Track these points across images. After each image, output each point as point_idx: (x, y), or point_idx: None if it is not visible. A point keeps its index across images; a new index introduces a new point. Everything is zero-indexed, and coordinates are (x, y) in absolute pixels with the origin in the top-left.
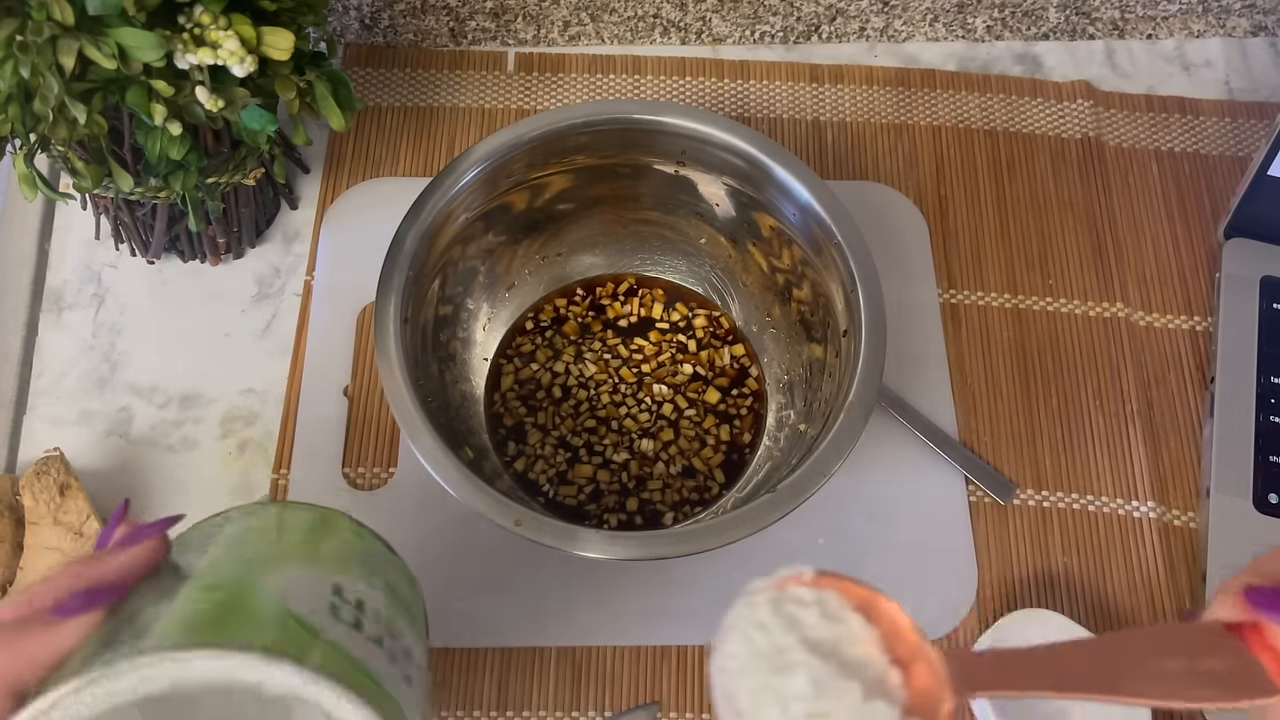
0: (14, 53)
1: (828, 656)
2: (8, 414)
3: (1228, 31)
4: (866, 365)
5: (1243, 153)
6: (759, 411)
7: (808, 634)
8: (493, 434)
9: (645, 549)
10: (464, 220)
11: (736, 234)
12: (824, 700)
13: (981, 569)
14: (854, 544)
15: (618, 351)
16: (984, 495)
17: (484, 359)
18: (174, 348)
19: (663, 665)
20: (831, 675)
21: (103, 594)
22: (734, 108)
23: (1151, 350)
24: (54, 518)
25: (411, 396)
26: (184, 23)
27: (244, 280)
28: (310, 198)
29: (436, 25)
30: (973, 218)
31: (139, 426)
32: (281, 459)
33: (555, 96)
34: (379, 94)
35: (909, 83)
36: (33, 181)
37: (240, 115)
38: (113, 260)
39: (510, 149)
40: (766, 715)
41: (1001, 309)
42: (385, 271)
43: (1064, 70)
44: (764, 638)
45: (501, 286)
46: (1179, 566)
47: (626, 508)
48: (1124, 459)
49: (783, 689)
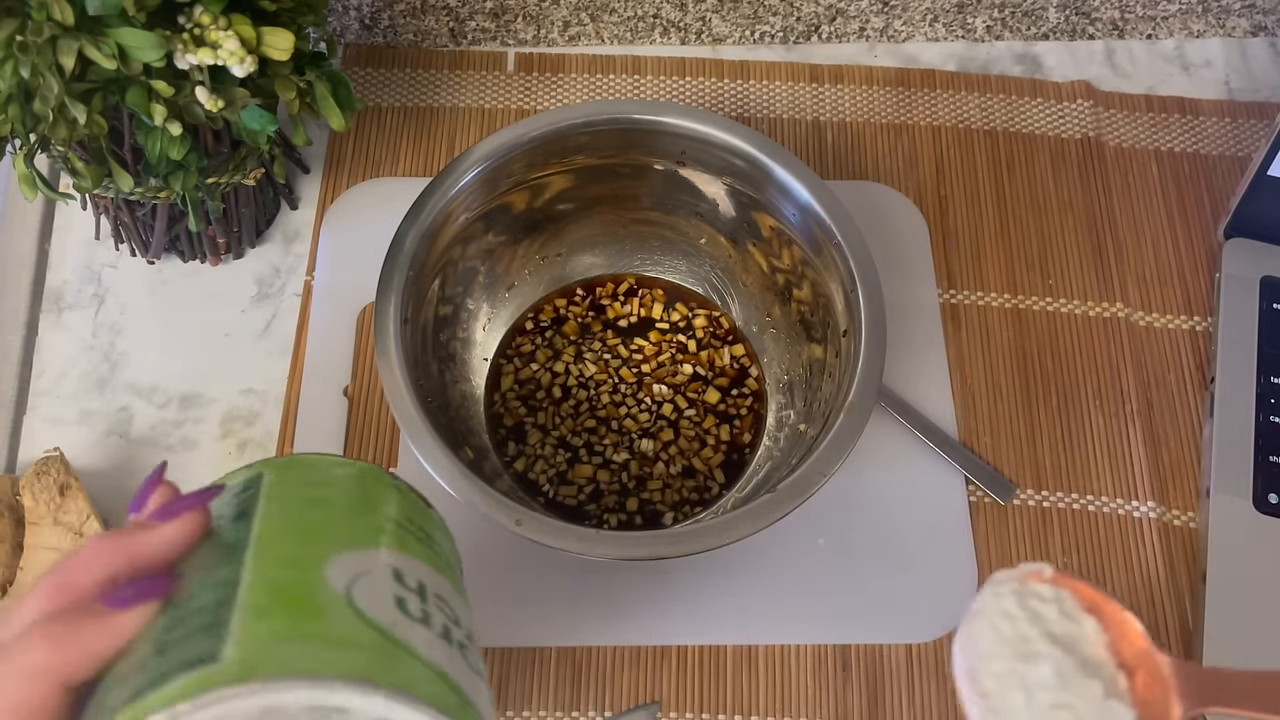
0: (14, 53)
1: (1069, 651)
2: (8, 414)
3: (1228, 31)
4: (866, 365)
5: (1243, 153)
6: (759, 411)
7: (1049, 628)
8: (493, 434)
9: (645, 549)
10: (464, 220)
11: (736, 234)
12: (1066, 693)
13: (981, 569)
14: (854, 544)
15: (618, 351)
16: (984, 495)
17: (484, 359)
18: (174, 348)
19: (663, 665)
20: (1074, 670)
21: (157, 582)
22: (734, 108)
23: (1151, 350)
24: (54, 518)
25: (411, 396)
26: (184, 23)
27: (244, 280)
28: (310, 198)
29: (436, 25)
30: (973, 218)
31: (139, 426)
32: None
33: (555, 96)
34: (379, 94)
35: (909, 83)
36: (33, 181)
37: (240, 115)
38: (113, 260)
39: (510, 149)
40: (1011, 699)
41: (1001, 309)
42: (385, 271)
43: (1064, 70)
44: (1010, 626)
45: (501, 286)
46: (1179, 566)
47: (626, 508)
48: (1124, 459)
49: (1027, 676)
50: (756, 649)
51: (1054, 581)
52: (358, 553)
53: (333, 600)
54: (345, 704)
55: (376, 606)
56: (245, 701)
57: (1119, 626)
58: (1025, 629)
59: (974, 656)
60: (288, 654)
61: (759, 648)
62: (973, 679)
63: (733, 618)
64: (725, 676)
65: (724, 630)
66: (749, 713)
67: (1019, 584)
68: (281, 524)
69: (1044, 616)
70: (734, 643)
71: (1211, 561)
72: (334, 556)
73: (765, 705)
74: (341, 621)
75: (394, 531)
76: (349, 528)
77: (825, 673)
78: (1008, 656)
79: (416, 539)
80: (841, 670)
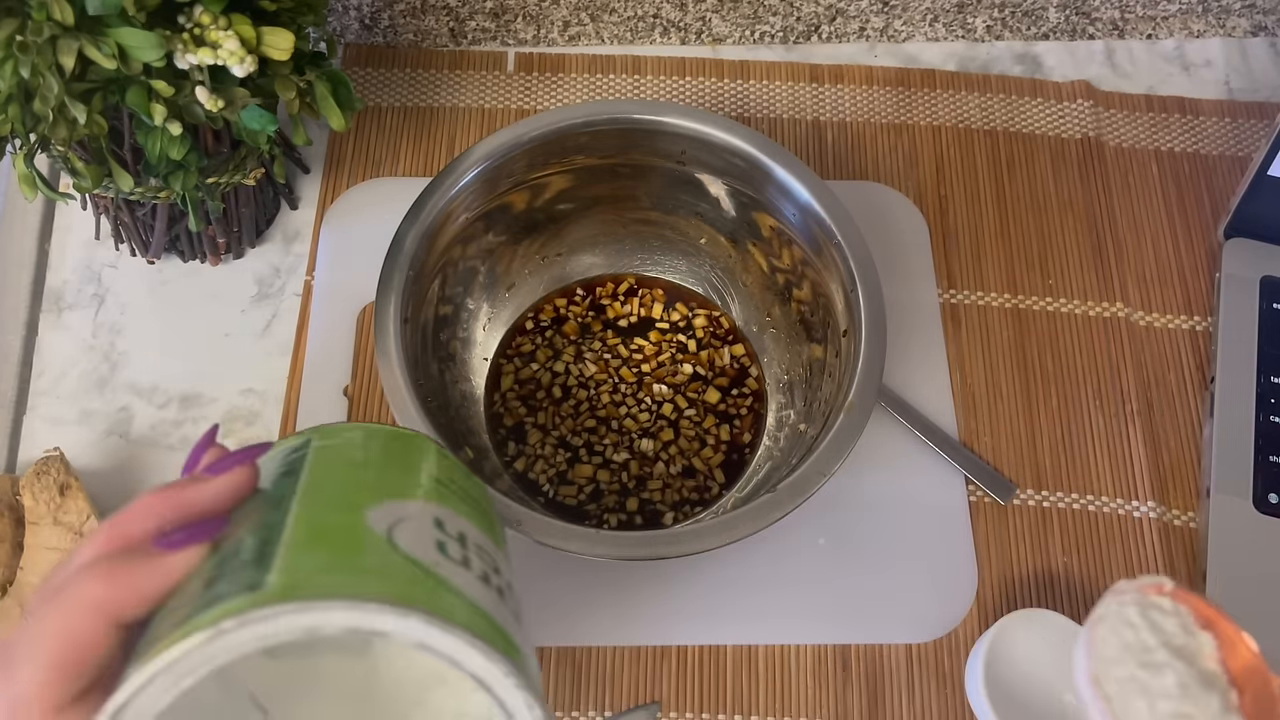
0: (14, 53)
1: (1189, 663)
2: (8, 414)
3: (1228, 31)
4: (866, 365)
5: (1243, 153)
6: (759, 411)
7: (1170, 640)
8: (493, 434)
9: (645, 549)
10: (464, 220)
11: (736, 234)
12: (1187, 703)
13: (981, 569)
14: (854, 544)
15: (618, 351)
16: (984, 495)
17: (484, 359)
18: (174, 348)
19: (663, 665)
20: (1195, 681)
21: (206, 527)
22: (734, 108)
23: (1151, 350)
24: (54, 518)
25: (411, 396)
26: (184, 23)
27: (244, 280)
28: (310, 198)
29: (436, 25)
30: (973, 218)
31: (139, 426)
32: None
33: (555, 96)
34: (379, 94)
35: (909, 83)
36: (33, 181)
37: (240, 115)
38: (113, 260)
39: (510, 149)
40: (1133, 705)
41: (1001, 309)
42: (385, 271)
43: (1064, 70)
44: (1132, 634)
45: (501, 286)
46: (1179, 566)
47: (626, 508)
48: (1124, 459)
49: (1149, 684)
50: (756, 649)
51: (1173, 596)
52: (399, 501)
53: (374, 539)
54: (383, 627)
55: (417, 547)
56: (286, 620)
57: (1231, 643)
58: (1147, 638)
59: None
60: (329, 581)
61: (759, 648)
62: (1095, 683)
63: (733, 618)
64: (725, 676)
65: (724, 630)
66: (749, 713)
67: (1140, 594)
68: (326, 477)
69: (1165, 628)
70: (734, 643)
71: (1211, 561)
72: (376, 503)
73: (765, 705)
74: (382, 556)
75: (434, 487)
76: (391, 480)
77: (825, 673)
78: (1130, 663)
79: (458, 496)
80: (841, 670)
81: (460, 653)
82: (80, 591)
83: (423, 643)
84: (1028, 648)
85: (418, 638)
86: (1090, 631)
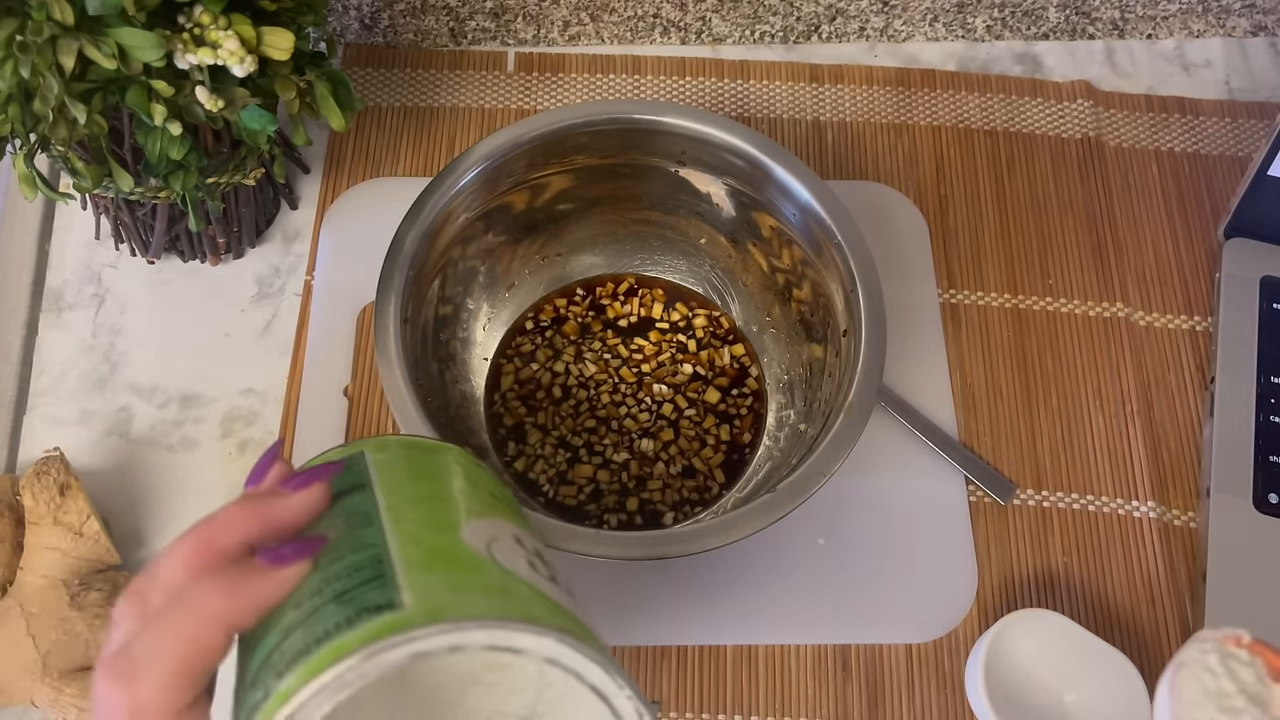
0: (14, 53)
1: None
2: (8, 414)
3: (1228, 31)
4: (866, 365)
5: (1243, 153)
6: (759, 411)
7: (1247, 688)
8: (493, 434)
9: (645, 549)
10: (464, 220)
11: (736, 234)
12: None
13: (981, 569)
14: (854, 544)
15: (618, 351)
16: (984, 495)
17: (484, 359)
18: (174, 348)
19: (663, 665)
20: None
21: (309, 543)
22: (734, 108)
23: (1151, 350)
24: (54, 518)
25: (411, 396)
26: (184, 23)
27: (244, 280)
28: (310, 198)
29: (436, 25)
30: (973, 218)
31: (139, 426)
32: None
33: (555, 96)
34: (379, 94)
35: (909, 83)
36: (33, 181)
37: (240, 115)
38: (113, 260)
39: (510, 149)
40: None
41: (1001, 309)
42: (385, 271)
43: (1064, 70)
44: (1213, 681)
45: (501, 286)
46: (1179, 566)
47: (626, 508)
48: (1124, 459)
49: None
50: (756, 649)
51: (1250, 648)
52: (482, 520)
53: (482, 559)
54: (521, 645)
55: (516, 566)
56: (436, 640)
57: None
58: (1226, 685)
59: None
60: (464, 601)
61: (759, 648)
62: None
63: (733, 618)
64: (725, 676)
65: (724, 630)
66: (749, 713)
67: (1219, 644)
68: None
69: (1242, 678)
70: (734, 643)
71: (1212, 561)
72: (464, 522)
73: (765, 705)
74: (497, 576)
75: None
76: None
77: (825, 673)
78: (1210, 707)
79: (510, 508)
80: (841, 670)
81: (584, 668)
82: (201, 602)
83: (553, 659)
84: (1028, 648)
85: (549, 654)
86: (1174, 674)
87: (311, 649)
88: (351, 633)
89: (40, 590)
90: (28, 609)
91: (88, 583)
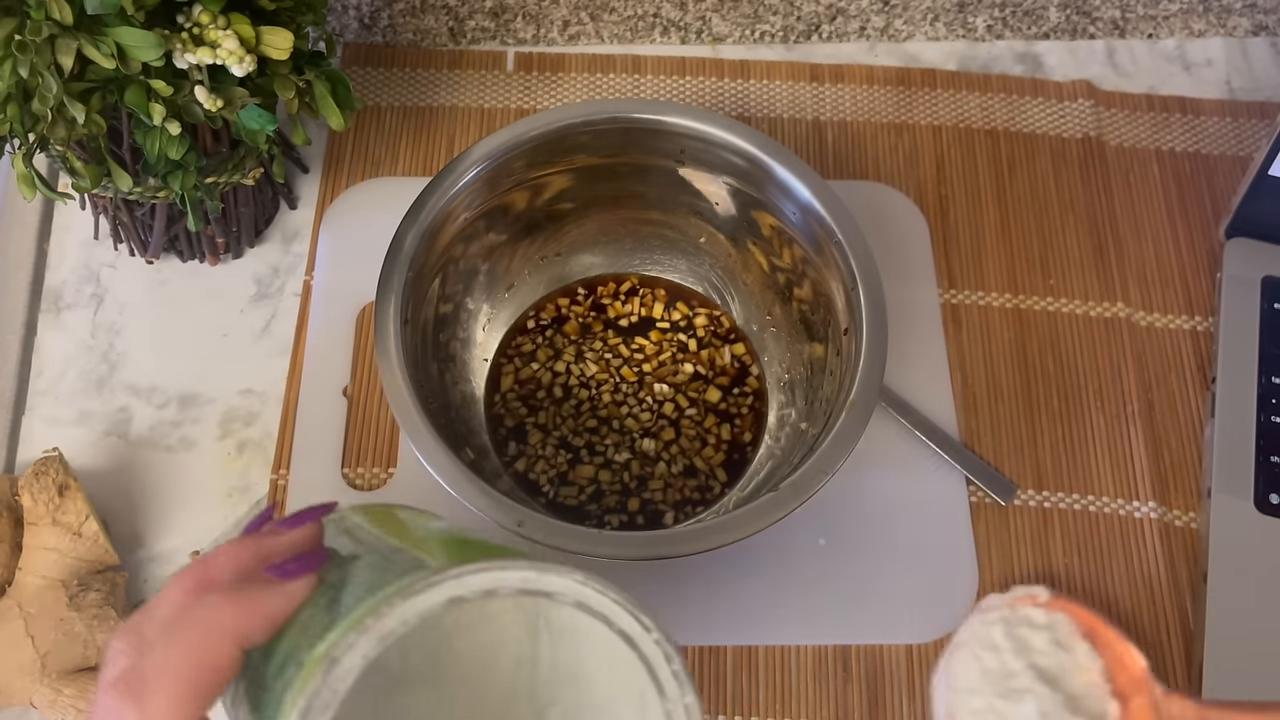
0: (13, 52)
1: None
2: (6, 414)
3: (1229, 31)
4: (867, 364)
5: (1244, 152)
6: (760, 410)
7: (1036, 660)
8: (493, 434)
9: (646, 549)
10: (464, 220)
11: (737, 233)
12: None
13: (982, 569)
14: (854, 544)
15: (618, 351)
16: (984, 495)
17: (484, 359)
18: (173, 348)
19: None
20: (1059, 707)
21: (314, 556)
22: (734, 107)
23: (1152, 350)
24: (53, 518)
25: (412, 397)
26: (183, 22)
27: (243, 280)
28: (309, 198)
29: (436, 25)
30: (973, 217)
31: (138, 427)
32: (280, 459)
33: (555, 96)
34: (378, 94)
35: (909, 82)
36: (31, 181)
37: (239, 115)
38: (111, 260)
39: (510, 149)
40: None
41: (1002, 309)
42: (385, 271)
43: (1065, 70)
44: (994, 658)
45: (501, 286)
46: (1180, 567)
47: (628, 508)
48: (1125, 459)
49: (1007, 714)
50: (756, 649)
51: (1048, 606)
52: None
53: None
54: (551, 586)
55: None
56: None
57: (1115, 653)
58: (1010, 662)
59: (955, 692)
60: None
61: (759, 648)
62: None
63: (733, 618)
64: (725, 676)
65: (724, 630)
66: (749, 713)
67: (1009, 610)
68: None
69: (1032, 646)
70: (734, 643)
71: (1213, 562)
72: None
73: (765, 706)
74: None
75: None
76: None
77: (825, 673)
78: (988, 693)
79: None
80: (841, 670)
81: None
82: (210, 618)
83: (582, 602)
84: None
85: (578, 597)
86: (947, 660)
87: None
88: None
89: (39, 591)
90: (26, 609)
91: (86, 583)
